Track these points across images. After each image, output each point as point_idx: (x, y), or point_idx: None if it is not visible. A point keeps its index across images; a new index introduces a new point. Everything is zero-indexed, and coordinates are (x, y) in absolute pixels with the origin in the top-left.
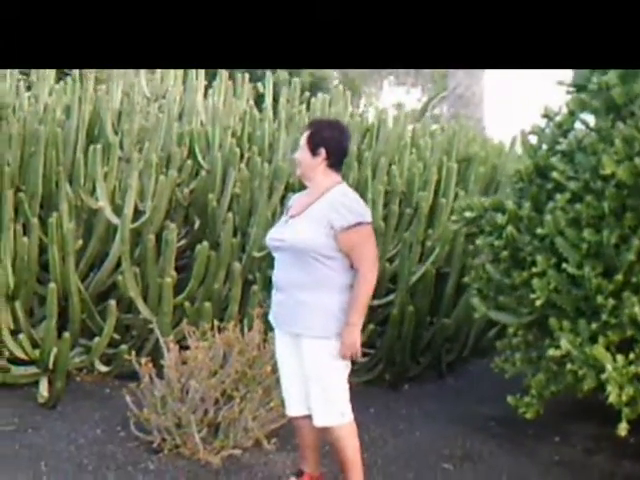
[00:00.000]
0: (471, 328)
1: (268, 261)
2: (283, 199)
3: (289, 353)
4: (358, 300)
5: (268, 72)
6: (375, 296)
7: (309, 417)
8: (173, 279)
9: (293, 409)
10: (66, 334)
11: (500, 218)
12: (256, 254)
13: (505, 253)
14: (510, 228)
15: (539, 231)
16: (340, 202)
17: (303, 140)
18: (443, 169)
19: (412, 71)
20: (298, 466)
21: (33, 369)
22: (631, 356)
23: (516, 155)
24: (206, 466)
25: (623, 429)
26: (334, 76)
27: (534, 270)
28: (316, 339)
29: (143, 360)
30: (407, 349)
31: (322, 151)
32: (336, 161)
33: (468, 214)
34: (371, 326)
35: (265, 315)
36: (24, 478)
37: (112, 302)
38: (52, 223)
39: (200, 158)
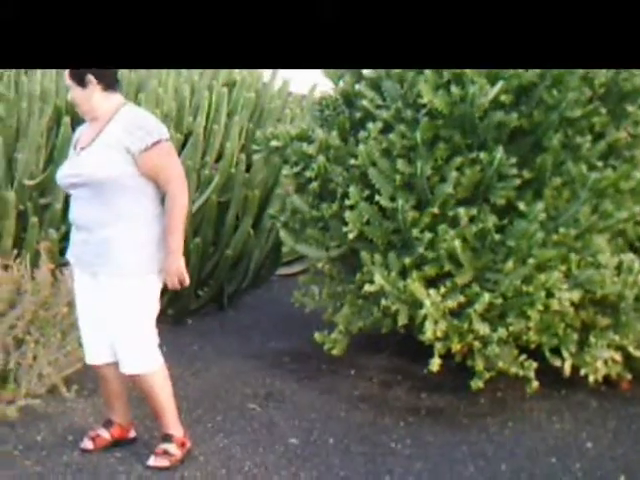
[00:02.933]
0: (251, 259)
1: (40, 190)
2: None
3: (91, 296)
4: (174, 225)
5: None
6: None
7: (115, 364)
8: None
9: (96, 357)
10: None
11: (309, 148)
12: (27, 182)
13: (315, 184)
14: (321, 158)
15: (352, 162)
16: (132, 123)
17: (66, 79)
18: (213, 93)
19: None
20: (105, 415)
21: None
22: (442, 290)
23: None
24: None
25: (436, 364)
26: None
27: (347, 202)
28: (127, 278)
29: None
30: (193, 282)
31: (90, 78)
32: (110, 81)
33: (274, 143)
34: None
35: (54, 250)
36: None
37: None
38: None
39: None
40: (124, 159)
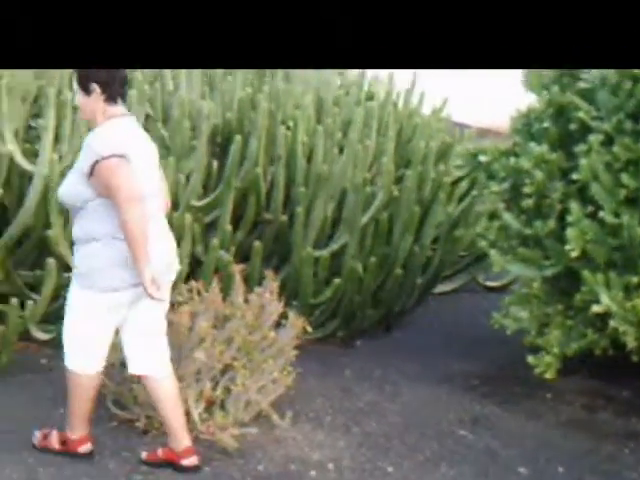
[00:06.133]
0: (416, 277)
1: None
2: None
3: None
4: (128, 244)
5: None
6: (316, 246)
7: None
8: None
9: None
10: (13, 300)
11: (523, 162)
12: (195, 203)
13: (530, 201)
14: (539, 173)
15: (574, 177)
16: (86, 144)
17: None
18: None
19: None
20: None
21: None
22: None
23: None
24: (213, 447)
25: None
26: None
27: (569, 219)
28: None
29: None
30: (367, 303)
31: (94, 87)
32: (114, 92)
33: (483, 158)
34: (337, 280)
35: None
36: None
37: (51, 260)
38: None
39: None
40: (82, 181)
